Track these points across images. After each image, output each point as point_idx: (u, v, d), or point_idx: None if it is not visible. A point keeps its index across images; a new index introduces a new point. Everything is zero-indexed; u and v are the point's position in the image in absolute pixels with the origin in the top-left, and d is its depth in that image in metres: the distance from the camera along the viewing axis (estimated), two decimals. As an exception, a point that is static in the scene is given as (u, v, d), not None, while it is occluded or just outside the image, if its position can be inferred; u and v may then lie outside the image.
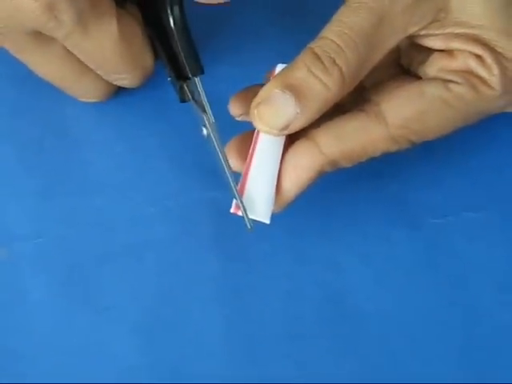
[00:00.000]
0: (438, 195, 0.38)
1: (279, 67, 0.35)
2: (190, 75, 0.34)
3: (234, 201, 0.34)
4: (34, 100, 0.40)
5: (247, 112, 0.35)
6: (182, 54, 0.34)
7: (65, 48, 0.36)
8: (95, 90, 0.39)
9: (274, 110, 0.33)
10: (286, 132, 0.34)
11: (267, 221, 0.34)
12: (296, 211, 0.37)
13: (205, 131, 0.34)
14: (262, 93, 0.34)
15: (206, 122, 0.34)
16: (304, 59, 0.33)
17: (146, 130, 0.40)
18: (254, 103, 0.34)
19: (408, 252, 0.37)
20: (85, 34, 0.35)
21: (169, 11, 0.34)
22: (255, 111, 0.34)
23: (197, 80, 0.35)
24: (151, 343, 0.35)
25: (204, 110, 0.34)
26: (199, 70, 0.34)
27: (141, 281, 0.36)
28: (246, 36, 0.42)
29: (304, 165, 0.34)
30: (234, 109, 0.36)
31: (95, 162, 0.39)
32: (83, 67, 0.37)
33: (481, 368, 0.35)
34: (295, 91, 0.33)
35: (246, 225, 0.33)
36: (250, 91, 0.35)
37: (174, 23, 0.34)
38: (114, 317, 0.36)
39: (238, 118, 0.36)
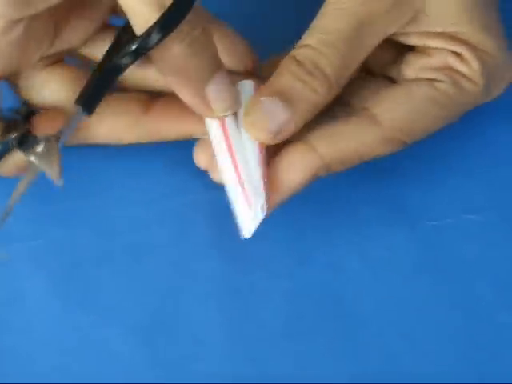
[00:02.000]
0: (437, 197, 0.38)
1: (241, 85, 0.35)
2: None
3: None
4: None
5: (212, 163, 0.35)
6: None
7: None
8: None
9: (264, 116, 0.33)
10: (279, 137, 0.34)
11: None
12: (295, 211, 0.37)
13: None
14: (251, 101, 0.34)
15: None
16: (287, 66, 0.33)
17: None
18: (244, 112, 0.34)
19: (407, 253, 0.37)
20: None
21: None
22: (247, 119, 0.34)
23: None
24: (150, 344, 0.35)
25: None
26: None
27: (139, 281, 0.36)
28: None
29: (299, 168, 0.34)
30: (199, 163, 0.36)
31: (92, 164, 0.39)
32: None
33: (480, 369, 0.35)
34: (284, 97, 0.33)
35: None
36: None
37: None
38: (113, 317, 0.36)
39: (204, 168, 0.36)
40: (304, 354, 0.35)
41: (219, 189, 0.35)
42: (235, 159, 0.34)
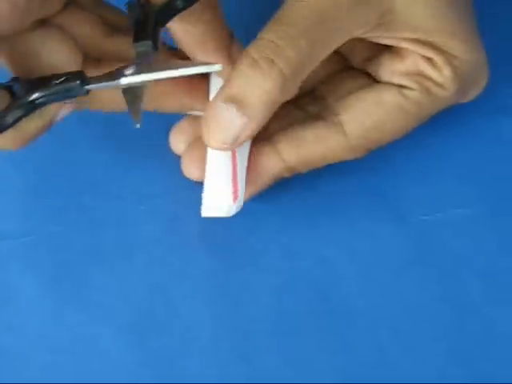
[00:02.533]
0: (427, 191, 0.38)
1: (213, 78, 0.36)
2: None
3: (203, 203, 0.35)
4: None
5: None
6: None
7: None
8: None
9: (221, 125, 0.33)
10: (238, 143, 0.33)
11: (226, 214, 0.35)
12: (284, 206, 0.37)
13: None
14: (207, 110, 0.33)
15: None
16: (240, 65, 0.33)
17: (133, 128, 0.40)
18: (202, 121, 0.34)
19: (396, 248, 0.37)
20: None
21: None
22: (204, 129, 0.34)
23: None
24: (140, 340, 0.35)
25: None
26: None
27: (130, 278, 0.36)
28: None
29: (263, 169, 0.35)
30: (176, 150, 0.37)
31: (83, 160, 0.39)
32: None
33: (470, 363, 0.35)
34: (237, 101, 0.33)
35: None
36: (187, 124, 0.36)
37: None
38: (103, 314, 0.36)
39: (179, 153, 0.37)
40: (293, 350, 0.35)
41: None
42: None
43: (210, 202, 0.35)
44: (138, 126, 0.32)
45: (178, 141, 0.37)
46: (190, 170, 0.36)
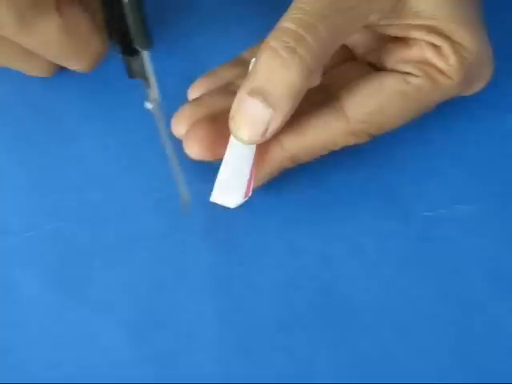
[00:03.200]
0: (432, 188, 0.38)
1: (253, 62, 0.35)
2: (138, 49, 0.34)
3: (214, 190, 0.34)
4: (23, 94, 0.40)
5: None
6: (131, 27, 0.34)
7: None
8: (43, 70, 0.39)
9: (248, 120, 0.33)
10: (268, 135, 0.33)
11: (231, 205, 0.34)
12: (287, 203, 0.37)
13: (149, 105, 0.34)
14: (234, 104, 0.33)
15: (150, 98, 0.33)
16: (262, 56, 0.33)
17: (135, 123, 0.40)
18: (230, 116, 0.34)
19: (400, 244, 0.37)
20: (28, 32, 0.35)
21: None
22: (232, 125, 0.34)
23: (145, 54, 0.34)
24: (143, 336, 0.35)
25: (149, 86, 0.34)
26: (148, 44, 0.34)
27: (132, 274, 0.36)
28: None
29: (264, 159, 0.35)
30: (177, 133, 0.37)
31: (85, 156, 0.39)
32: (31, 52, 0.37)
33: (474, 360, 0.35)
34: (262, 94, 0.32)
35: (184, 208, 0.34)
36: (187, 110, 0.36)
37: None
38: (106, 310, 0.35)
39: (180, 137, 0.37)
40: (296, 346, 0.35)
41: (211, 181, 0.35)
42: None
43: (222, 192, 0.34)
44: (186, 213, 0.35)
45: (179, 124, 0.37)
46: (191, 150, 0.36)
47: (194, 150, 0.36)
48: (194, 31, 0.43)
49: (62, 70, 0.40)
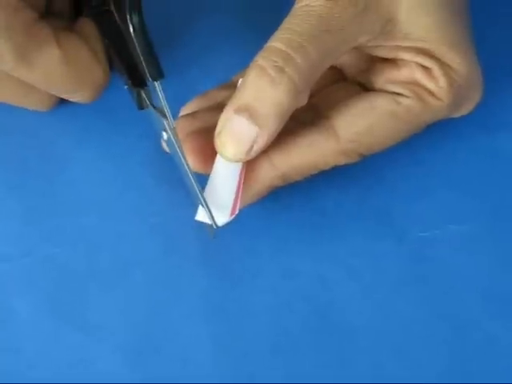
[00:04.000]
0: (424, 208, 0.38)
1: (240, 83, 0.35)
2: (149, 80, 0.34)
3: (200, 207, 0.34)
4: (16, 121, 0.40)
5: None
6: (142, 59, 0.34)
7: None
8: (44, 103, 0.39)
9: (234, 137, 0.33)
10: (253, 154, 0.33)
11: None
12: (281, 225, 0.37)
13: (165, 135, 0.34)
14: (220, 121, 0.33)
15: (167, 127, 0.34)
16: (250, 75, 0.33)
17: (129, 148, 0.40)
18: (216, 133, 0.34)
19: (394, 265, 0.37)
20: (28, 66, 0.35)
21: (128, 18, 0.34)
22: (217, 141, 0.34)
23: (157, 84, 0.34)
24: (138, 360, 0.35)
25: (164, 115, 0.34)
26: (159, 75, 0.34)
27: (128, 298, 0.36)
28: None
29: (254, 177, 0.35)
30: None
31: (80, 181, 0.39)
32: (30, 86, 0.37)
33: (469, 379, 0.35)
34: (249, 112, 0.33)
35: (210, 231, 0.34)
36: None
37: (134, 30, 0.34)
38: (102, 335, 0.35)
39: None
40: (292, 369, 0.35)
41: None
42: None
43: (207, 210, 0.34)
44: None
45: None
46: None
47: (188, 160, 0.35)
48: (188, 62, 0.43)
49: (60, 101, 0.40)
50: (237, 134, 0.33)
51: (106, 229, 0.38)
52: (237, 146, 0.33)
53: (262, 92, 0.32)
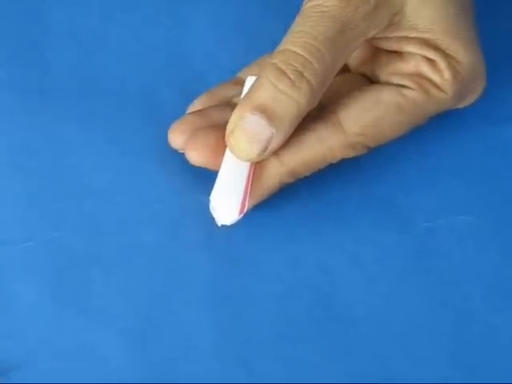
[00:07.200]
0: (429, 198, 0.38)
1: (249, 80, 0.35)
2: None
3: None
4: (22, 104, 0.40)
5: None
6: None
7: None
8: None
9: (249, 135, 0.33)
10: (266, 154, 0.34)
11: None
12: (286, 214, 0.37)
13: None
14: (234, 119, 0.33)
15: None
16: (268, 76, 0.33)
17: (134, 132, 0.40)
18: (227, 131, 0.34)
19: (398, 255, 0.37)
20: None
21: None
22: (231, 139, 0.34)
23: None
24: (141, 346, 0.35)
25: None
26: None
27: (131, 284, 0.36)
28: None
29: (263, 175, 0.35)
30: (175, 140, 0.36)
31: (84, 165, 0.39)
32: None
33: (472, 370, 0.35)
34: (266, 112, 0.33)
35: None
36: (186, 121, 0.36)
37: None
38: (104, 320, 0.35)
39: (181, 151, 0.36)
40: (295, 358, 0.35)
41: (209, 193, 0.35)
42: None
43: (215, 208, 0.34)
44: None
45: (179, 132, 0.36)
46: (194, 154, 0.36)
47: (197, 155, 0.35)
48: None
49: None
50: (252, 134, 0.33)
51: (109, 214, 0.38)
52: (252, 145, 0.33)
53: (281, 94, 0.33)
